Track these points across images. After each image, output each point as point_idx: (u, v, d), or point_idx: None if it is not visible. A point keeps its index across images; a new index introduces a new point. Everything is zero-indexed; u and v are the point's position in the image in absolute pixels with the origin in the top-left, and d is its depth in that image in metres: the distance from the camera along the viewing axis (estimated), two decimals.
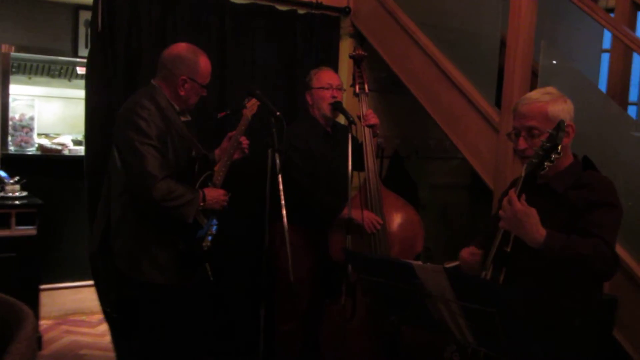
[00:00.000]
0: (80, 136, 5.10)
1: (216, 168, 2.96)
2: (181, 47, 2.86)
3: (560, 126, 1.98)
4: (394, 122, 4.46)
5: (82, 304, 4.72)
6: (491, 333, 1.83)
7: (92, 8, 3.45)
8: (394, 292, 2.04)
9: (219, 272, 3.66)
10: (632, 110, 4.99)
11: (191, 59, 2.81)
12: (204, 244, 2.83)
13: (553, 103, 2.21)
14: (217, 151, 3.11)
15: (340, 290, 3.30)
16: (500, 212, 2.04)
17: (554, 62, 4.34)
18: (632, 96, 4.37)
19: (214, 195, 2.84)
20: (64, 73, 5.18)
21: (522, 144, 2.24)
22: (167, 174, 2.65)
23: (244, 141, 3.05)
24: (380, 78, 4.32)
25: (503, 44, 3.46)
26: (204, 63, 2.85)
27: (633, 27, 4.11)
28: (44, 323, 4.42)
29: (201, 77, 2.83)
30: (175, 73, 2.78)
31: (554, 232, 1.99)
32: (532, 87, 3.35)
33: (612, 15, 4.14)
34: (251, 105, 3.05)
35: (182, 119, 2.88)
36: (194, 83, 2.81)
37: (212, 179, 2.92)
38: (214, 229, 2.89)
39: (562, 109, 2.21)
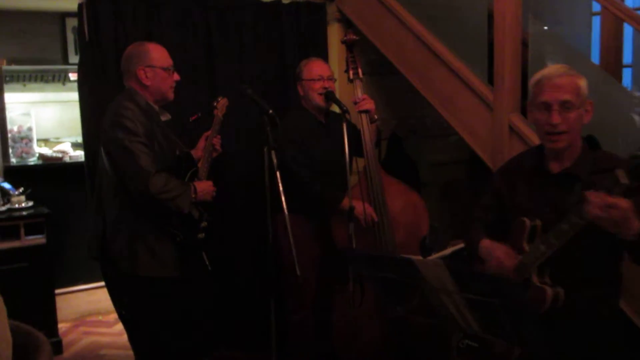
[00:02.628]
0: (80, 139, 5.14)
1: (199, 165, 3.06)
2: (130, 47, 2.97)
3: None
4: (389, 103, 4.47)
5: (97, 305, 4.80)
6: (495, 321, 1.87)
7: (78, 18, 3.47)
8: (398, 286, 2.08)
9: (226, 264, 3.77)
10: (627, 73, 4.99)
11: (138, 49, 2.91)
12: (199, 234, 2.95)
13: (579, 77, 2.20)
14: (192, 151, 3.16)
15: (347, 277, 3.35)
16: (597, 212, 1.88)
17: (545, 27, 4.35)
18: (626, 58, 4.36)
19: (204, 187, 2.96)
20: (57, 78, 5.21)
21: (556, 117, 2.16)
22: (159, 168, 2.73)
23: (217, 141, 3.16)
24: (372, 60, 4.31)
25: (491, 16, 3.40)
26: (153, 48, 2.93)
27: None
28: (62, 326, 4.49)
29: (157, 61, 2.90)
30: (132, 70, 2.88)
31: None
32: (524, 59, 3.36)
33: None
34: (221, 106, 3.18)
35: (163, 118, 2.97)
36: (153, 69, 2.88)
37: (197, 175, 3.02)
38: (205, 220, 3.00)
39: (585, 84, 2.20)
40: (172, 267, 2.87)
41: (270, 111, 2.88)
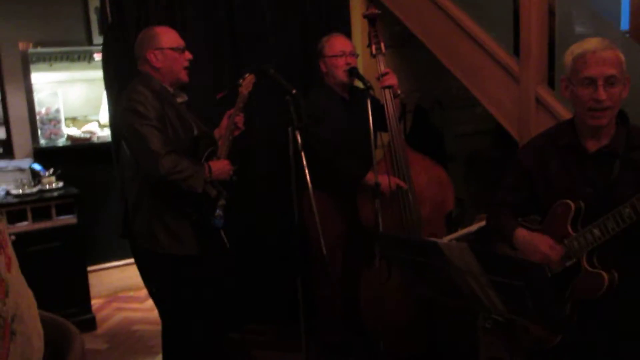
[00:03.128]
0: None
1: (220, 143, 3.09)
2: (140, 33, 3.01)
3: None
4: (413, 75, 4.42)
5: (129, 281, 4.90)
6: (520, 303, 1.87)
7: (100, 0, 3.48)
8: (424, 268, 2.08)
9: (254, 242, 3.82)
10: None
11: (146, 34, 2.96)
12: (216, 213, 2.98)
13: (620, 52, 2.12)
14: (216, 131, 3.19)
15: (374, 253, 3.37)
16: None
17: None
18: None
19: (220, 166, 2.98)
20: (83, 58, 5.25)
21: (603, 93, 2.08)
22: (171, 149, 2.78)
23: (239, 119, 3.14)
24: (395, 32, 4.26)
25: None
26: (160, 30, 2.97)
27: None
28: (95, 302, 4.61)
29: (165, 42, 2.93)
30: (143, 54, 2.92)
31: None
32: (551, 29, 3.29)
33: None
34: (247, 83, 3.14)
35: (179, 100, 3.01)
36: (162, 51, 2.91)
37: (216, 154, 3.04)
38: (223, 198, 3.02)
39: (624, 58, 2.14)
40: (190, 245, 2.93)
41: (294, 91, 2.88)
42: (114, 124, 3.49)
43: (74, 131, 5.01)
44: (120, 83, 3.44)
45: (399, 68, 4.33)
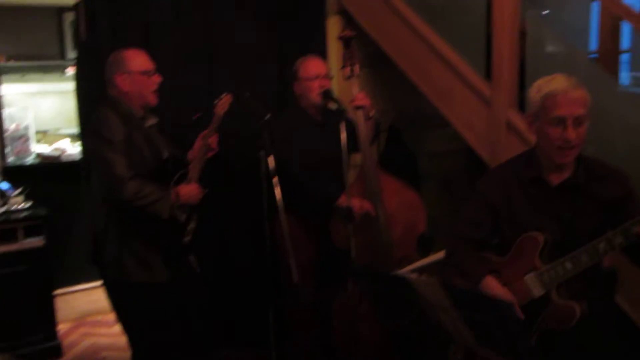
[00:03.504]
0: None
1: (190, 167, 3.06)
2: (109, 58, 2.99)
3: None
4: (388, 95, 4.44)
5: (97, 305, 4.77)
6: (490, 336, 1.87)
7: (74, 18, 3.45)
8: (394, 301, 2.08)
9: (226, 266, 3.78)
10: (625, 57, 4.93)
11: (116, 57, 2.96)
12: (185, 238, 2.97)
13: (585, 90, 2.16)
14: (189, 154, 3.16)
15: (347, 276, 3.36)
16: None
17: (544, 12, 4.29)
18: (625, 43, 4.31)
19: (188, 190, 2.97)
20: (55, 69, 5.19)
21: (572, 133, 2.12)
22: (135, 174, 2.77)
23: (213, 140, 3.12)
24: (371, 52, 4.27)
25: (490, 7, 3.34)
26: (128, 54, 2.96)
27: None
28: (62, 327, 4.49)
29: (134, 66, 2.93)
30: (112, 78, 2.92)
31: None
32: (521, 51, 3.32)
33: None
34: (223, 103, 3.12)
35: (149, 122, 3.00)
36: (129, 74, 2.91)
37: (186, 177, 3.02)
38: (194, 222, 3.01)
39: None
40: (160, 272, 2.91)
41: (268, 116, 2.88)
42: (83, 147, 3.45)
43: (44, 148, 4.93)
44: (92, 103, 3.38)
45: (374, 88, 4.35)
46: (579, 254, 2.08)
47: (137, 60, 2.94)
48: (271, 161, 2.87)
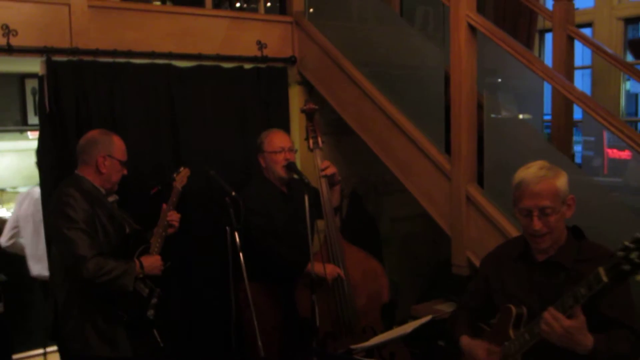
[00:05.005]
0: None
1: (152, 241, 3.11)
2: (94, 132, 3.10)
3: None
4: (350, 162, 4.54)
5: None
6: None
7: (38, 90, 3.46)
8: None
9: (190, 335, 3.76)
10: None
11: (105, 139, 3.05)
12: (148, 312, 2.99)
13: (557, 178, 2.23)
14: (155, 230, 3.19)
15: (311, 345, 3.37)
16: (545, 327, 2.03)
17: (499, 80, 4.47)
18: (577, 114, 4.52)
19: (151, 261, 3.03)
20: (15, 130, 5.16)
21: (537, 224, 2.21)
22: (97, 252, 2.81)
23: (174, 217, 3.18)
24: (333, 120, 4.39)
25: (448, 78, 3.49)
26: (117, 140, 3.08)
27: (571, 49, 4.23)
28: None
29: (117, 153, 3.05)
30: (93, 154, 2.99)
31: (599, 336, 2.03)
32: (479, 122, 3.44)
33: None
34: (181, 177, 3.25)
35: (110, 199, 3.07)
36: (112, 159, 3.02)
37: (148, 252, 3.07)
38: (156, 297, 3.03)
39: (565, 182, 2.24)
40: (124, 347, 2.93)
41: (233, 193, 2.95)
42: (45, 223, 3.41)
43: (2, 212, 4.87)
44: (56, 175, 3.38)
45: (336, 154, 4.45)
46: (532, 325, 2.16)
47: (121, 149, 3.07)
48: (237, 237, 2.91)
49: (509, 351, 2.25)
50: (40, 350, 4.72)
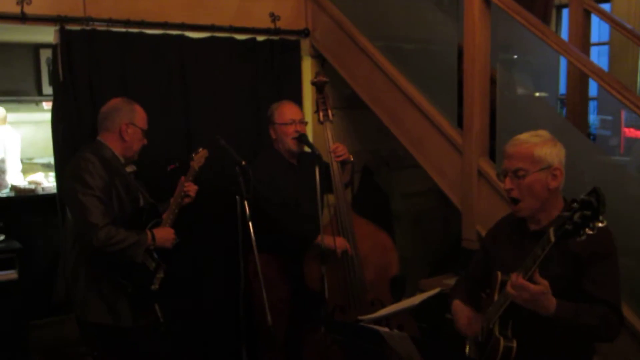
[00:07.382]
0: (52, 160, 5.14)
1: (164, 216, 3.11)
2: (117, 100, 3.09)
3: (598, 194, 1.79)
4: (362, 136, 4.53)
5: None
6: None
7: (52, 58, 3.49)
8: (366, 352, 2.14)
9: (198, 307, 3.80)
10: (593, 105, 5.10)
11: (127, 107, 3.06)
12: (152, 286, 3.00)
13: (541, 145, 2.24)
14: (171, 199, 3.19)
15: (319, 317, 3.40)
16: (509, 290, 2.06)
17: (515, 57, 4.42)
18: (592, 91, 4.47)
19: (163, 234, 3.03)
20: (31, 101, 5.19)
21: (507, 183, 2.28)
22: (109, 221, 2.81)
23: (191, 187, 3.17)
24: (345, 94, 4.38)
25: (461, 52, 3.47)
26: (139, 109, 3.09)
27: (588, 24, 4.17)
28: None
29: (140, 122, 3.06)
30: (117, 121, 3.00)
31: (564, 302, 2.06)
32: (492, 98, 3.43)
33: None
34: (199, 157, 3.22)
35: (128, 169, 3.07)
36: (135, 127, 3.02)
37: (160, 225, 3.06)
38: (162, 270, 3.04)
39: (550, 152, 2.24)
40: (125, 317, 2.94)
41: (243, 162, 2.95)
42: (60, 187, 3.46)
43: (19, 181, 4.92)
44: (69, 142, 3.42)
45: (348, 129, 4.45)
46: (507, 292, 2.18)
47: (144, 118, 3.08)
48: (247, 206, 2.92)
49: (489, 316, 2.29)
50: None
